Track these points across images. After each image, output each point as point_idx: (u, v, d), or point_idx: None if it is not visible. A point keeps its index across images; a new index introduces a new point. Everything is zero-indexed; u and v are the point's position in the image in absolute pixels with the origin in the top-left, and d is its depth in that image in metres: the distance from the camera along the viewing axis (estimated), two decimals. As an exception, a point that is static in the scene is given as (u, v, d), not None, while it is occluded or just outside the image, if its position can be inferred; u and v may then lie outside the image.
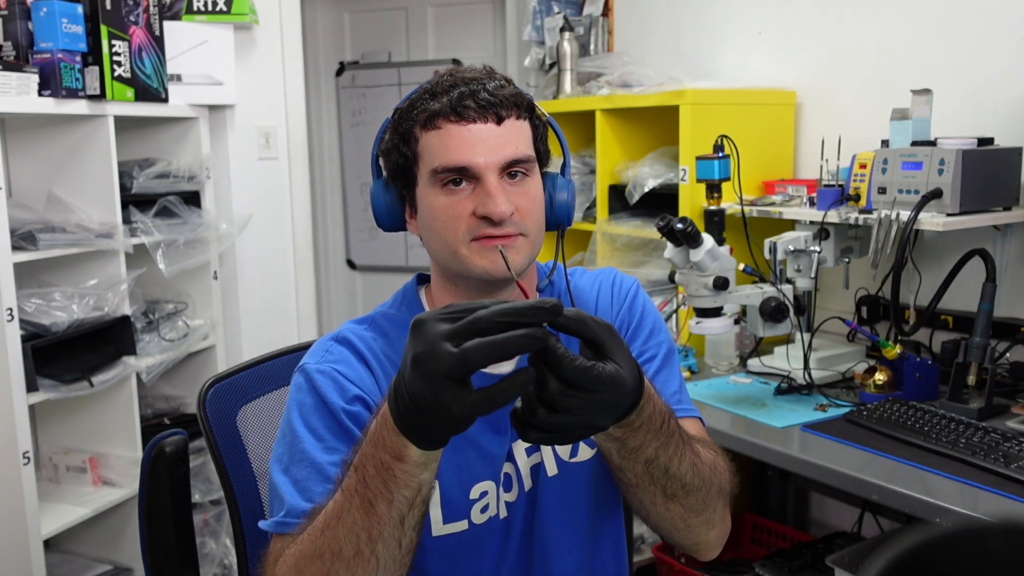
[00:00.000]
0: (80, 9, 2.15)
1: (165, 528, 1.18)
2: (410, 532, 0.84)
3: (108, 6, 2.19)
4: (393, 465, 0.79)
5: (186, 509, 1.21)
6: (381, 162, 1.11)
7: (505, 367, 1.06)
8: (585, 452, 1.12)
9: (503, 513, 1.09)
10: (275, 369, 1.29)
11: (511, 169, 1.03)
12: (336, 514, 0.85)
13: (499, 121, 1.02)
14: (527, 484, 1.10)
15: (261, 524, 0.99)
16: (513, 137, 1.03)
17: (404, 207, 1.10)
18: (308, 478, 0.97)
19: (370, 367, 1.06)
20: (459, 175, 1.01)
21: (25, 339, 2.04)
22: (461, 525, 1.06)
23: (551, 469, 1.10)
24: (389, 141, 1.07)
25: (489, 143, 1.01)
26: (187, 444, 1.21)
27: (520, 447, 1.10)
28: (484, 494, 1.07)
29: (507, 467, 1.09)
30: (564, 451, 1.12)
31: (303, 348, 1.33)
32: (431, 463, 0.81)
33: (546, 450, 1.10)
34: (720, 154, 2.02)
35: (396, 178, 1.08)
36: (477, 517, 1.06)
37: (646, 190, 2.44)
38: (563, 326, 0.73)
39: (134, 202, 2.37)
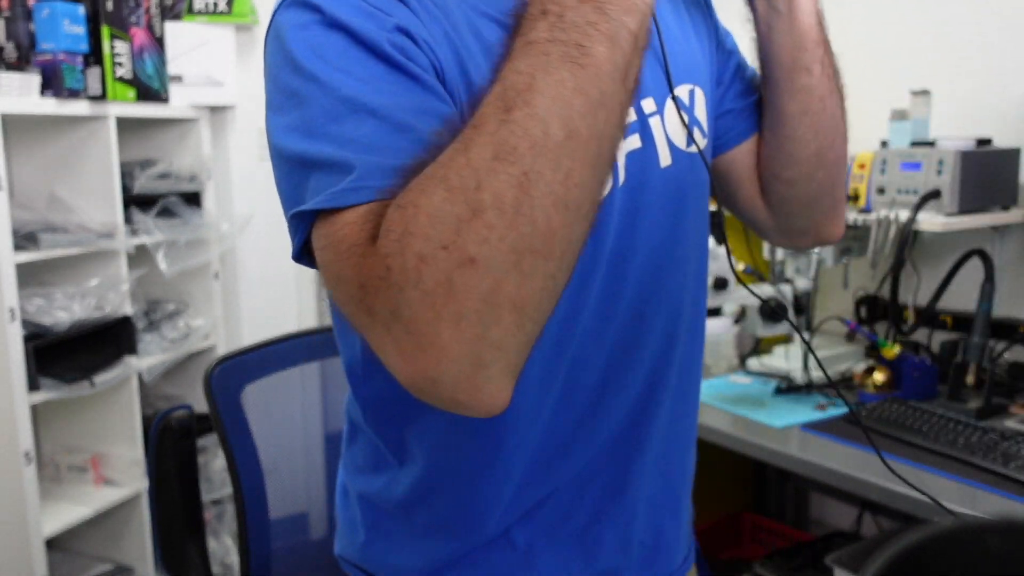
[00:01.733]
0: (81, 10, 2.16)
1: (171, 494, 1.23)
2: (626, 102, 0.56)
3: (109, 7, 2.20)
4: None
5: (192, 479, 1.25)
6: None
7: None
8: (699, 140, 0.86)
9: None
10: (279, 352, 1.36)
11: None
12: (526, 93, 0.53)
13: None
14: (622, 178, 0.78)
15: (299, 208, 0.63)
16: None
17: None
18: (371, 131, 0.61)
19: (407, 3, 0.69)
20: None
21: (27, 339, 2.04)
22: None
23: (664, 159, 0.81)
24: None
25: None
26: (192, 418, 1.26)
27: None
28: None
29: None
30: (679, 137, 0.83)
31: (306, 334, 1.37)
32: None
33: (658, 133, 0.81)
34: (720, 155, 2.02)
35: None
36: None
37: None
38: None
39: (135, 202, 2.38)
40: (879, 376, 1.93)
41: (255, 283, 2.89)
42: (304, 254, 0.67)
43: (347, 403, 0.93)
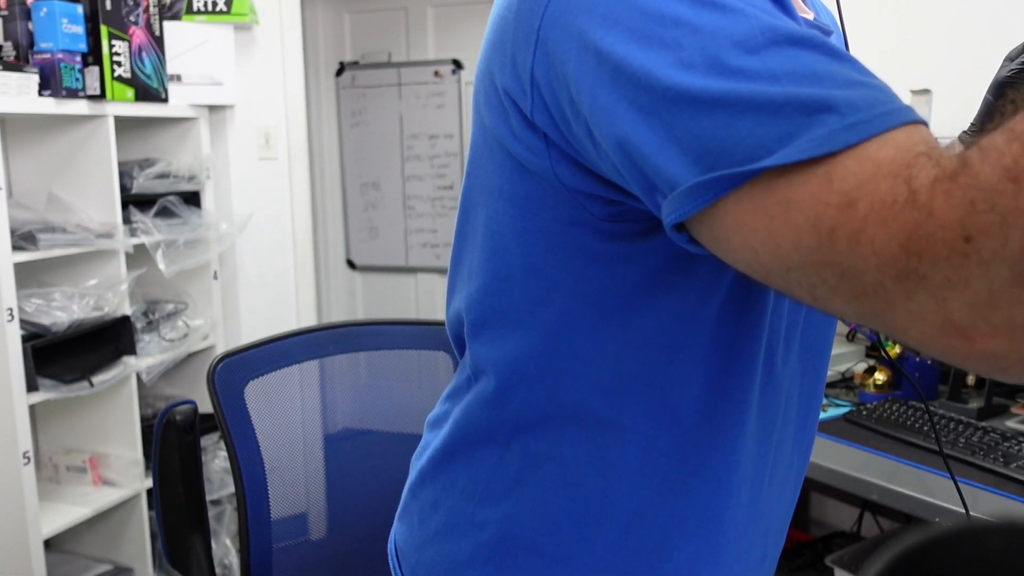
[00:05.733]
0: (80, 9, 2.15)
1: (175, 490, 1.24)
2: None
3: (108, 6, 2.19)
4: None
5: (196, 474, 1.26)
6: None
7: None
8: None
9: None
10: (282, 349, 1.35)
11: None
12: None
13: None
14: None
15: (705, 177, 0.50)
16: None
17: None
18: (813, 60, 0.50)
19: None
20: None
21: (25, 339, 2.04)
22: None
23: None
24: None
25: None
26: (196, 413, 1.26)
27: None
28: None
29: None
30: None
31: (309, 331, 1.37)
32: None
33: None
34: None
35: None
36: None
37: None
38: None
39: (134, 202, 2.37)
40: (880, 376, 1.93)
41: (254, 283, 2.88)
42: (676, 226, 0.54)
43: (447, 422, 0.79)
